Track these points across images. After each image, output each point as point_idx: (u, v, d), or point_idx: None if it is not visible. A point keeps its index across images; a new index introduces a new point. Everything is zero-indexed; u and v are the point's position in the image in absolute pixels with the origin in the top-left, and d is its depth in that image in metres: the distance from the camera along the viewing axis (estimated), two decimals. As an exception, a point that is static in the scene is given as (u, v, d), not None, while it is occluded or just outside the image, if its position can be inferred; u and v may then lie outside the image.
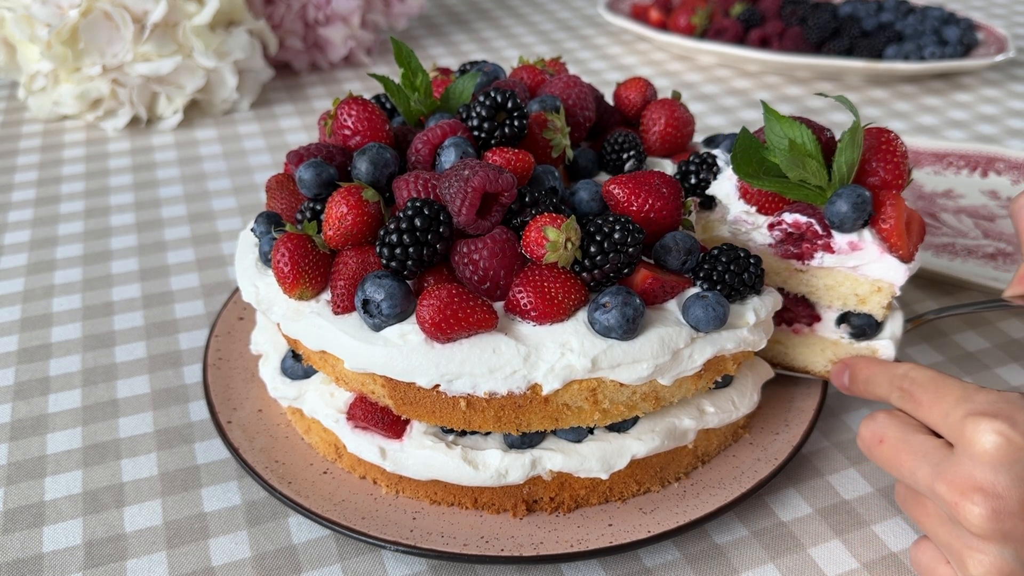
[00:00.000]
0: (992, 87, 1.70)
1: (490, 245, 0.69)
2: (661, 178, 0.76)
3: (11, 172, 1.40)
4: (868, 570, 0.76)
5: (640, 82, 0.98)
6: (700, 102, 1.64)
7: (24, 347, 1.02)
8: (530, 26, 1.99)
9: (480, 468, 0.75)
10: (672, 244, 0.74)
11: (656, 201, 0.74)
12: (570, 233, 0.68)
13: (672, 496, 0.79)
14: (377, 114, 0.83)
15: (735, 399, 0.81)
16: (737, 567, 0.76)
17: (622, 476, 0.77)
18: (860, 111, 1.60)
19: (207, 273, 1.14)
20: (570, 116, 0.90)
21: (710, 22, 1.79)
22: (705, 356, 0.72)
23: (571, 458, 0.75)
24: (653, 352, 0.70)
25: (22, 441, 0.89)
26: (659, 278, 0.72)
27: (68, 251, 1.19)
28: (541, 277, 0.69)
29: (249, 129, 1.53)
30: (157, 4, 1.40)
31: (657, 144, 0.95)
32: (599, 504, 0.78)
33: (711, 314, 0.71)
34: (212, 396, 0.87)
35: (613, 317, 0.68)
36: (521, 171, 0.76)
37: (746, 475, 0.79)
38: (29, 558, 0.77)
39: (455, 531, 0.75)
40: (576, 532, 0.75)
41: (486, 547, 0.73)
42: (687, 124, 0.95)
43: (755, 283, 0.74)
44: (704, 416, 0.79)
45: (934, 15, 1.78)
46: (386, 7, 1.78)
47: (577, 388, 0.70)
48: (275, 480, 0.78)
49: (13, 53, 1.50)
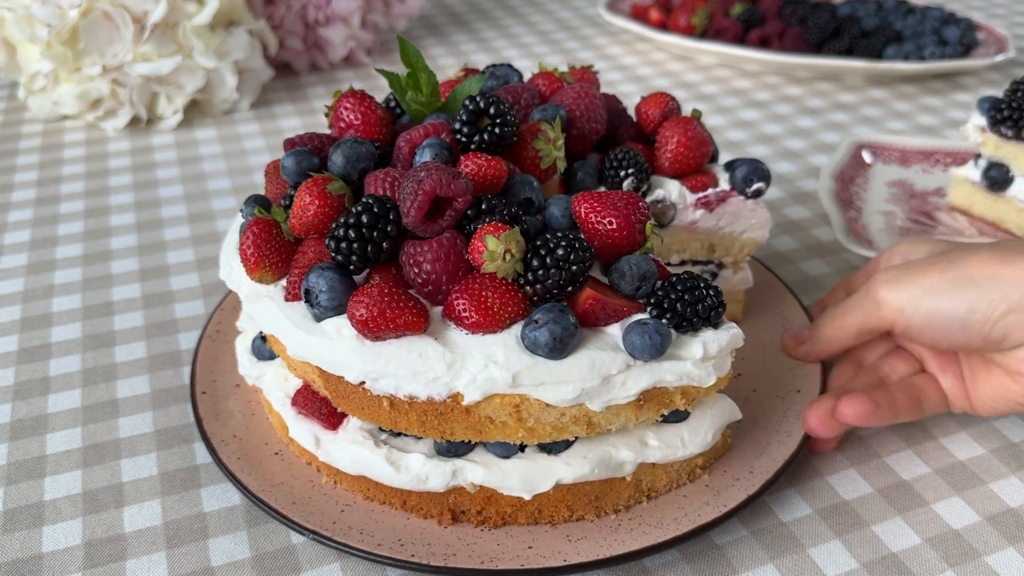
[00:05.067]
0: (992, 87, 1.70)
1: (435, 249, 0.68)
2: (625, 198, 0.73)
3: (11, 172, 1.40)
4: (868, 570, 0.76)
5: (661, 97, 0.93)
6: (700, 102, 1.64)
7: (24, 347, 1.02)
8: (530, 26, 1.99)
9: (402, 470, 0.75)
10: (626, 268, 0.70)
11: (615, 221, 0.71)
12: (510, 244, 0.67)
13: (604, 528, 0.75)
14: (373, 109, 0.82)
15: (685, 436, 0.77)
16: (737, 567, 0.76)
17: (552, 499, 0.75)
18: (860, 111, 1.60)
19: (207, 273, 1.14)
20: (575, 127, 0.87)
21: (710, 22, 1.79)
22: (640, 386, 0.69)
23: (493, 473, 0.74)
24: (581, 375, 0.67)
25: (22, 441, 0.89)
26: (601, 299, 0.69)
27: (68, 251, 1.19)
28: (481, 286, 0.68)
29: (249, 129, 1.53)
30: (157, 4, 1.40)
31: (668, 164, 0.90)
32: (527, 524, 0.76)
33: (647, 342, 0.67)
34: (197, 366, 0.91)
35: (542, 334, 0.66)
36: (491, 179, 0.75)
37: (689, 517, 0.75)
38: (29, 558, 0.77)
39: (375, 529, 0.75)
40: (493, 549, 0.73)
41: (399, 550, 0.72)
42: (701, 145, 0.90)
43: (710, 315, 0.70)
44: (646, 449, 0.75)
45: (934, 15, 1.78)
46: (386, 7, 1.78)
47: (499, 402, 0.69)
48: (225, 453, 0.81)
49: (13, 53, 1.50)
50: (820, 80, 1.73)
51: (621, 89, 1.69)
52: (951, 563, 0.77)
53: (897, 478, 0.84)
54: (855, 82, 1.71)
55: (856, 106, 1.62)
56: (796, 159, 1.44)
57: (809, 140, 1.50)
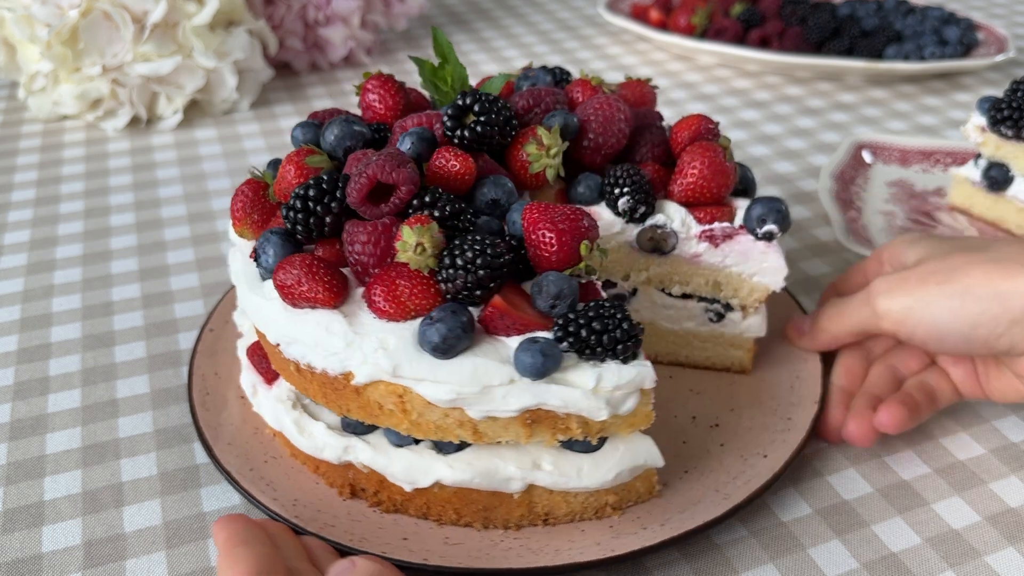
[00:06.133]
0: (992, 87, 1.70)
1: (368, 231, 0.71)
2: (570, 214, 0.71)
3: (11, 172, 1.40)
4: (868, 570, 0.76)
5: (695, 120, 0.87)
6: (700, 102, 1.64)
7: (24, 347, 1.02)
8: (530, 26, 1.99)
9: (305, 435, 0.79)
10: (544, 284, 0.68)
11: (551, 235, 0.70)
12: (423, 238, 0.67)
13: (485, 541, 0.75)
14: (394, 93, 0.86)
15: (584, 468, 0.74)
16: (737, 567, 0.76)
17: (439, 499, 0.76)
18: (860, 111, 1.60)
19: (207, 273, 1.14)
20: (587, 138, 0.85)
21: (710, 22, 1.79)
22: (521, 403, 0.67)
23: (379, 457, 0.76)
24: (460, 379, 0.67)
25: (21, 441, 0.89)
26: (502, 309, 0.68)
27: (68, 251, 1.19)
28: (398, 275, 0.69)
29: (249, 129, 1.53)
30: (157, 4, 1.40)
31: (679, 190, 0.85)
32: (416, 517, 0.77)
33: (529, 361, 0.65)
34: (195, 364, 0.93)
35: (431, 331, 0.66)
36: (456, 175, 0.76)
37: (564, 553, 0.73)
38: (28, 558, 0.77)
39: (281, 485, 0.79)
40: (371, 530, 0.75)
41: (288, 508, 0.76)
42: (719, 175, 0.84)
43: (616, 347, 0.67)
44: (537, 472, 0.74)
45: (934, 15, 1.78)
46: (386, 7, 1.78)
47: (385, 389, 0.70)
48: (198, 400, 0.87)
49: (13, 53, 1.50)
50: (820, 80, 1.73)
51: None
52: (951, 563, 0.77)
53: (897, 478, 0.84)
54: (855, 82, 1.71)
55: (856, 106, 1.62)
56: (796, 159, 1.44)
57: (809, 140, 1.50)
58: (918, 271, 0.82)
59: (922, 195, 1.29)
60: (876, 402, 0.84)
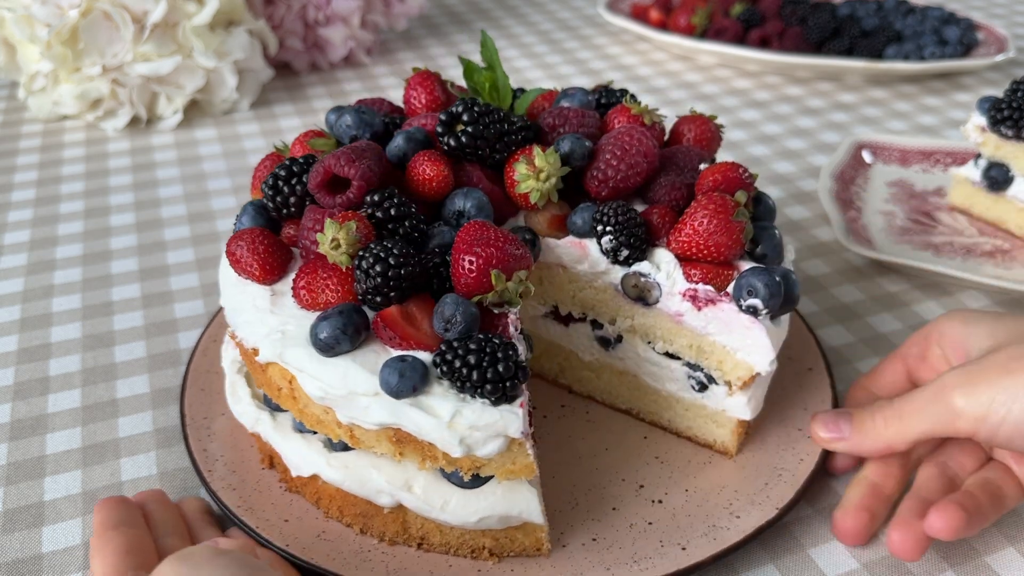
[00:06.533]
0: (992, 87, 1.70)
1: (313, 217, 0.74)
2: (499, 240, 0.69)
3: (11, 172, 1.40)
4: (868, 570, 0.76)
5: (725, 169, 0.79)
6: (700, 102, 1.64)
7: (24, 347, 1.02)
8: (530, 26, 1.99)
9: (234, 398, 0.84)
10: (441, 305, 0.67)
11: (468, 258, 0.68)
12: (341, 234, 0.69)
13: (354, 546, 0.75)
14: (431, 90, 0.89)
15: (451, 502, 0.72)
16: (737, 567, 0.76)
17: (328, 493, 0.77)
18: (860, 111, 1.60)
19: (207, 273, 1.14)
20: (596, 168, 0.80)
21: (710, 22, 1.79)
22: (380, 419, 0.66)
23: (276, 436, 0.79)
24: (331, 379, 0.67)
25: (22, 441, 0.89)
26: (388, 320, 0.67)
27: (68, 251, 1.19)
28: (321, 266, 0.71)
29: (249, 129, 1.53)
30: (157, 4, 1.40)
31: (676, 243, 0.77)
32: (310, 504, 0.79)
33: (385, 378, 0.65)
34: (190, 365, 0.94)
35: (319, 327, 0.67)
36: (427, 180, 0.77)
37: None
38: (28, 558, 0.77)
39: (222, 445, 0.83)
40: (258, 500, 0.78)
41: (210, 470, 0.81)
42: (720, 233, 0.75)
43: (485, 386, 0.64)
44: (405, 492, 0.73)
45: (934, 15, 1.78)
46: (386, 7, 1.78)
47: (279, 372, 0.72)
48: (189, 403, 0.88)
49: (13, 53, 1.50)
50: (820, 80, 1.73)
51: (621, 89, 1.69)
52: (951, 563, 0.77)
53: (897, 478, 0.84)
54: (855, 82, 1.71)
55: (856, 106, 1.62)
56: (796, 159, 1.44)
57: (809, 140, 1.50)
58: (999, 359, 0.71)
59: (922, 195, 1.29)
60: (925, 507, 0.74)
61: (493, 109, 0.79)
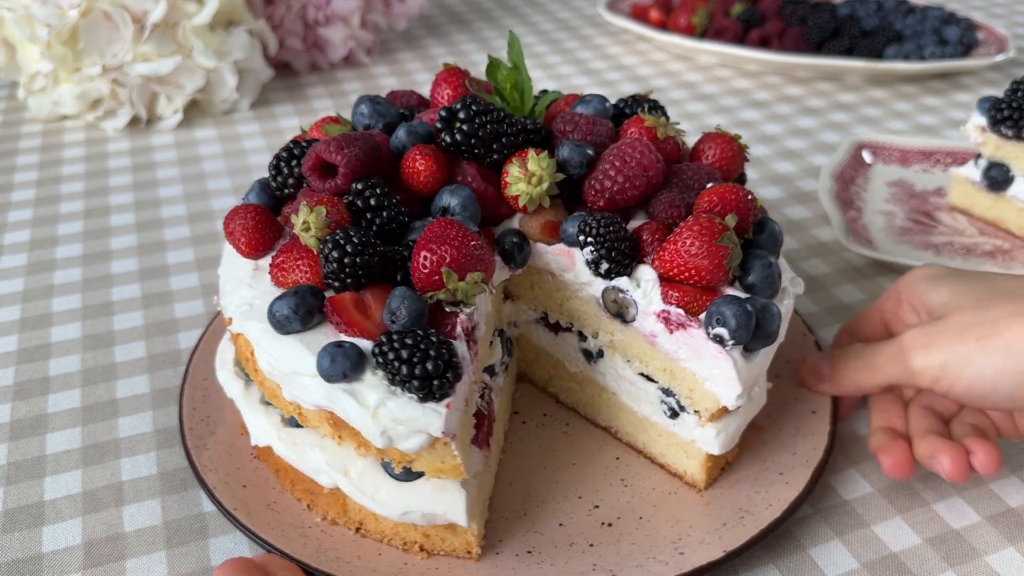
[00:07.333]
0: (992, 87, 1.70)
1: (302, 199, 0.75)
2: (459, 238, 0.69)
3: (11, 172, 1.40)
4: (868, 570, 0.76)
5: (726, 191, 0.75)
6: (700, 102, 1.64)
7: (24, 347, 1.02)
8: (530, 26, 2.00)
9: (219, 363, 0.87)
10: (391, 298, 0.67)
11: (425, 254, 0.68)
12: (311, 217, 0.71)
13: (297, 520, 0.77)
14: (456, 87, 0.90)
15: (380, 492, 0.73)
16: (737, 567, 0.76)
17: (284, 466, 0.80)
18: (860, 111, 1.60)
19: (207, 273, 1.14)
20: (594, 178, 0.78)
21: (710, 22, 1.79)
22: (316, 399, 0.68)
23: (243, 404, 0.82)
24: (277, 356, 0.69)
25: (22, 441, 0.89)
26: (336, 305, 0.68)
27: (68, 251, 1.19)
28: (297, 247, 0.73)
29: (249, 129, 1.53)
30: (157, 4, 1.40)
31: (658, 261, 0.74)
32: (269, 473, 0.82)
33: (319, 360, 0.66)
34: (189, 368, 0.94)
35: (275, 304, 0.69)
36: (415, 174, 0.78)
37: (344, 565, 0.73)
38: (28, 558, 0.77)
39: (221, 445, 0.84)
40: (225, 463, 0.80)
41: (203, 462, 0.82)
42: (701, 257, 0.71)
43: (412, 381, 0.64)
44: (341, 475, 0.74)
45: (934, 15, 1.78)
46: (386, 7, 1.78)
47: (243, 342, 0.75)
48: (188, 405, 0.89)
49: (13, 53, 1.50)
50: (820, 80, 1.73)
51: (621, 89, 1.69)
52: (951, 563, 0.77)
53: (897, 478, 0.84)
54: (855, 82, 1.71)
55: (856, 106, 1.62)
56: (796, 159, 1.44)
57: (809, 140, 1.50)
58: (953, 323, 0.76)
59: (922, 195, 1.29)
60: (947, 438, 0.80)
61: (493, 109, 0.79)
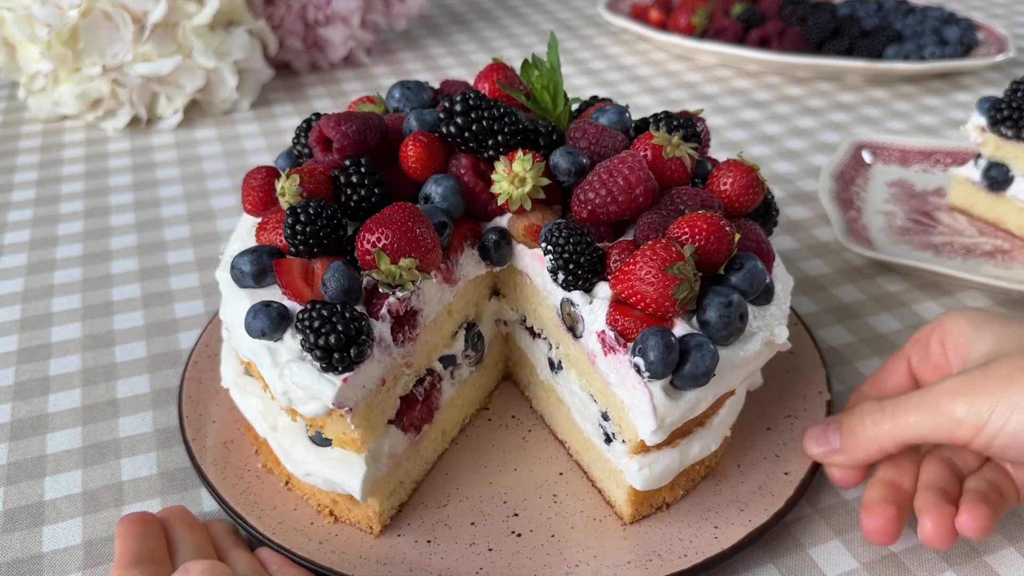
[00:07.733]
0: (992, 87, 1.70)
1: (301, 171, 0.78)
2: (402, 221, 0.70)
3: (11, 172, 1.40)
4: (868, 570, 0.76)
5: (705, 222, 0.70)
6: (700, 102, 1.64)
7: (24, 347, 1.02)
8: (530, 26, 1.99)
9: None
10: (325, 271, 0.70)
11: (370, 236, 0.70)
12: (286, 185, 0.75)
13: (243, 464, 0.82)
14: (495, 80, 0.92)
15: (293, 452, 0.77)
16: (736, 567, 0.76)
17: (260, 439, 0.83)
18: (860, 111, 1.60)
19: (207, 273, 1.14)
20: (580, 189, 0.76)
21: (710, 22, 1.79)
22: (243, 350, 0.73)
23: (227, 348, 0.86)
24: (229, 306, 0.74)
25: (22, 441, 0.89)
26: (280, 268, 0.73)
27: (68, 251, 1.19)
28: (280, 211, 0.77)
29: (249, 129, 1.53)
30: (157, 4, 1.40)
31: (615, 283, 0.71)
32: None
33: (247, 314, 0.70)
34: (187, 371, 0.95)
35: (236, 259, 0.74)
36: (406, 159, 0.80)
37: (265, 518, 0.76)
38: (29, 558, 0.77)
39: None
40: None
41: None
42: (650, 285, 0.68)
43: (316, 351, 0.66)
44: (269, 428, 0.79)
45: (934, 15, 1.78)
46: (386, 7, 1.78)
47: None
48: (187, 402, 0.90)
49: (13, 53, 1.50)
50: (820, 80, 1.73)
51: (621, 89, 1.69)
52: (951, 563, 0.77)
53: (897, 478, 0.84)
54: (855, 82, 1.71)
55: (856, 106, 1.62)
56: (796, 159, 1.44)
57: (809, 140, 1.50)
58: (1002, 367, 0.70)
59: (922, 195, 1.29)
60: (945, 497, 0.73)
61: (493, 105, 0.79)
